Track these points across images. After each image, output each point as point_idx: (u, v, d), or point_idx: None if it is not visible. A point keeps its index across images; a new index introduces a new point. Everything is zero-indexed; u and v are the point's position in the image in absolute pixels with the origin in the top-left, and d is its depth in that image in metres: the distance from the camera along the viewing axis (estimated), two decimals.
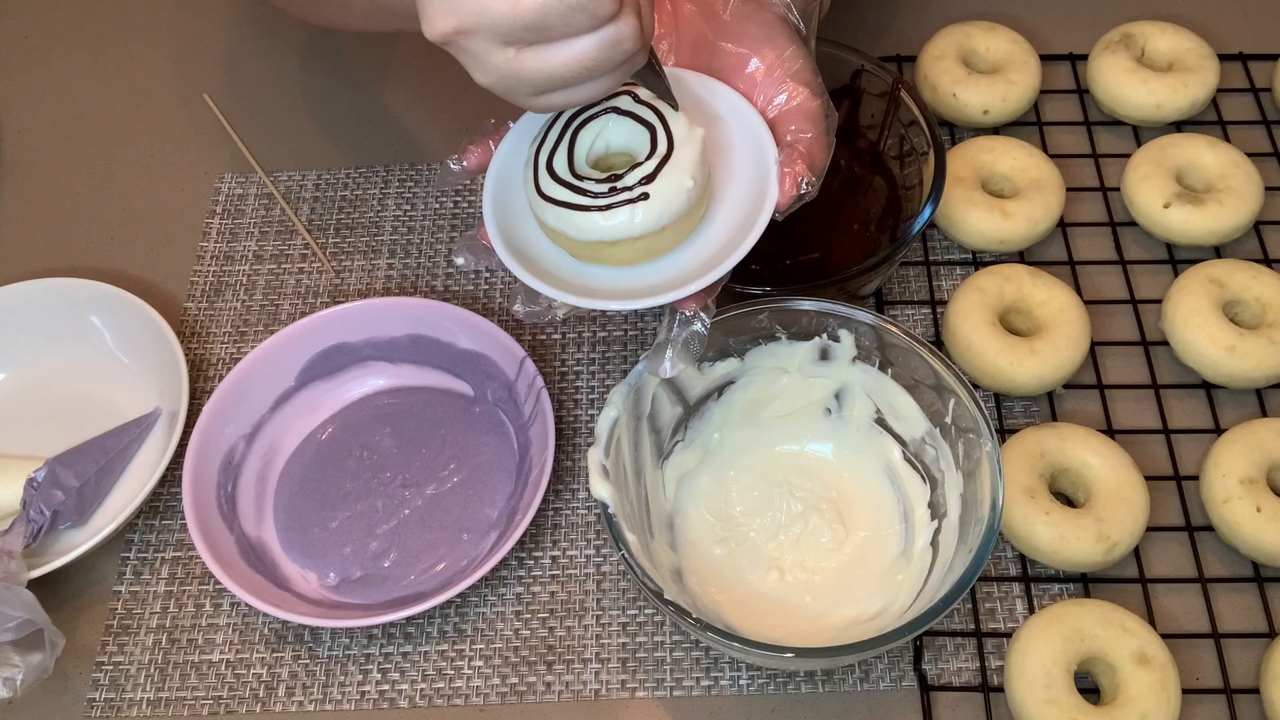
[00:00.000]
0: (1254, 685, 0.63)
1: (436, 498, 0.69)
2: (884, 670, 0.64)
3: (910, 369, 0.65)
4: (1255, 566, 0.67)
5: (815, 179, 0.57)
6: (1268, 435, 0.67)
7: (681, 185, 0.55)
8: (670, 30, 0.61)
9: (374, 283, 0.80)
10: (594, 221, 0.54)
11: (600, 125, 0.57)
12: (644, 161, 0.55)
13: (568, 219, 0.55)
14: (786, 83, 0.59)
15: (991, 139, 0.81)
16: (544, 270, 0.57)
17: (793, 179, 0.57)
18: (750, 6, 0.60)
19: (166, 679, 0.65)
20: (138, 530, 0.70)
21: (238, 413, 0.70)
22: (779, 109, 0.59)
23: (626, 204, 0.54)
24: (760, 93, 0.59)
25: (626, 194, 0.54)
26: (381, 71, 0.91)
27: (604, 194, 0.55)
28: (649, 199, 0.54)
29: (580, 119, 0.57)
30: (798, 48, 0.60)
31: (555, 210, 0.55)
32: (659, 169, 0.55)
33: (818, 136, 0.58)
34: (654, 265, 0.57)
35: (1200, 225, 0.77)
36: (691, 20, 0.61)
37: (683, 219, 0.56)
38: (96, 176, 0.86)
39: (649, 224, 0.55)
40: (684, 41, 0.61)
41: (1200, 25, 0.88)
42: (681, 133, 0.56)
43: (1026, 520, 0.65)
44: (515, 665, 0.65)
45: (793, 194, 0.57)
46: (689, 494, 0.68)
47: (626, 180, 0.55)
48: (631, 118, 0.56)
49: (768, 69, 0.59)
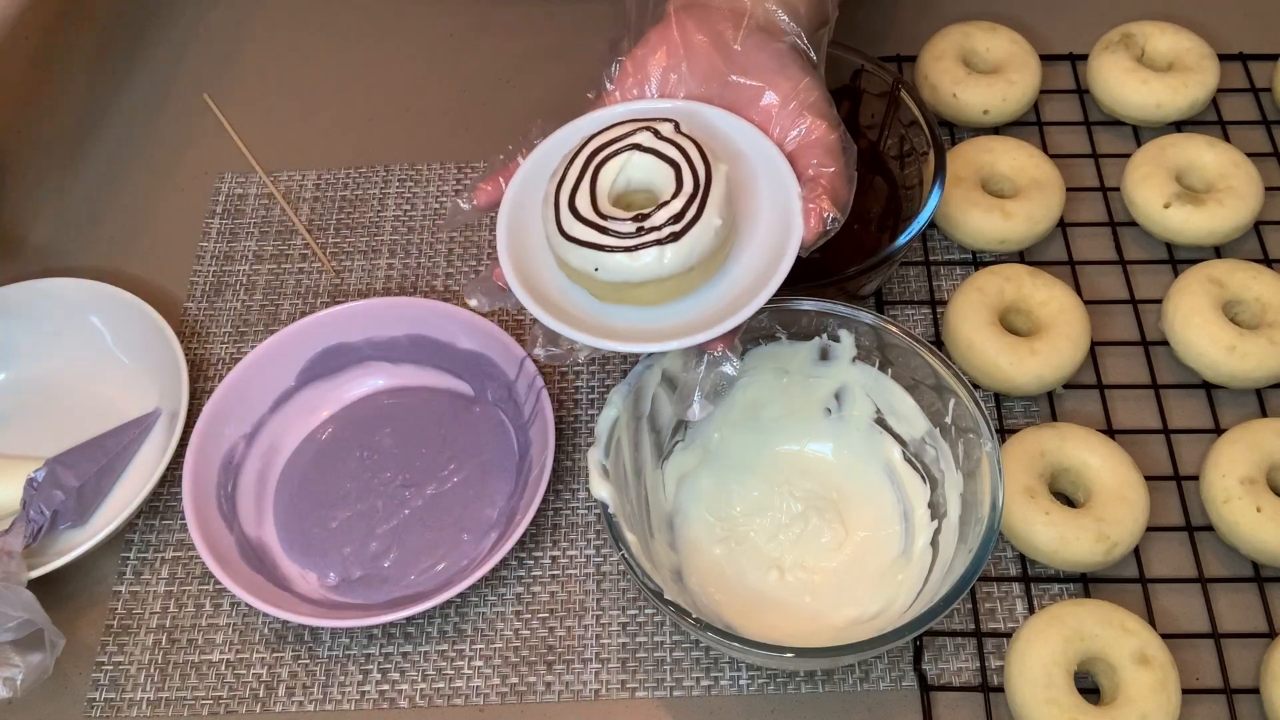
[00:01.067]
0: (1254, 685, 0.63)
1: (436, 498, 0.69)
2: (884, 670, 0.64)
3: (910, 369, 0.65)
4: (1255, 566, 0.67)
5: (841, 214, 0.57)
6: (1268, 435, 0.67)
7: (710, 224, 0.54)
8: (679, 61, 0.60)
9: (374, 283, 0.80)
10: (621, 262, 0.53)
11: (622, 162, 0.56)
12: (671, 200, 0.54)
13: (594, 259, 0.54)
14: (803, 115, 0.58)
15: (991, 139, 0.81)
16: (564, 311, 0.56)
17: (818, 215, 0.56)
18: (761, 36, 0.59)
19: (166, 679, 0.65)
20: (138, 530, 0.70)
21: (238, 413, 0.70)
22: (796, 142, 0.58)
23: (655, 244, 0.53)
24: (777, 125, 0.59)
25: (655, 234, 0.53)
26: (381, 71, 0.91)
27: (631, 234, 0.53)
28: (678, 239, 0.53)
29: (601, 155, 0.56)
30: (812, 79, 0.59)
31: (580, 250, 0.54)
32: (687, 208, 0.54)
33: (840, 170, 0.57)
34: (679, 305, 0.56)
35: (1200, 225, 0.77)
36: (702, 51, 0.60)
37: (709, 258, 0.55)
38: (96, 176, 0.86)
39: (678, 265, 0.54)
40: (695, 73, 0.60)
41: (1200, 25, 0.88)
42: (706, 169, 0.55)
43: (1026, 520, 0.65)
44: (515, 665, 0.65)
45: (818, 230, 0.56)
46: (689, 494, 0.68)
47: (654, 220, 0.54)
48: (654, 154, 0.55)
49: (783, 101, 0.58)
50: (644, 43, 0.60)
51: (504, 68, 0.91)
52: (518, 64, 0.91)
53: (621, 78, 0.61)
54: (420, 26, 0.94)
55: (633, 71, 0.60)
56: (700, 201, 0.54)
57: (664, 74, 0.60)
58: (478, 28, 0.93)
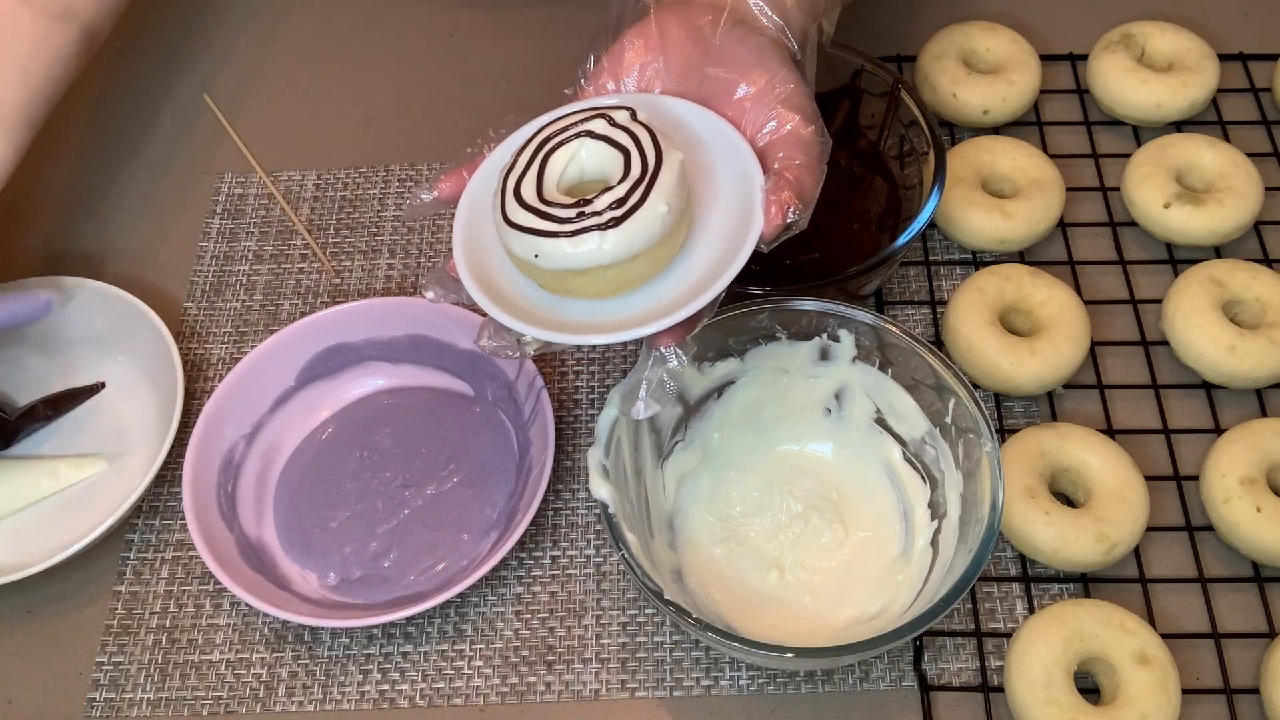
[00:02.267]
0: (1254, 685, 0.63)
1: (436, 498, 0.69)
2: (884, 670, 0.64)
3: (910, 369, 0.65)
4: (1255, 566, 0.67)
5: (804, 208, 0.54)
6: (1268, 435, 0.67)
7: (654, 210, 0.52)
8: (656, 56, 0.58)
9: (374, 283, 0.80)
10: (561, 249, 0.51)
11: (573, 150, 0.54)
12: (615, 186, 0.52)
13: (534, 246, 0.52)
14: (776, 108, 0.56)
15: (991, 139, 0.81)
16: (514, 304, 0.54)
17: (779, 207, 0.53)
18: (741, 30, 0.57)
19: (166, 679, 0.65)
20: (138, 530, 0.70)
21: (238, 413, 0.70)
22: (769, 136, 0.56)
23: (595, 229, 0.51)
24: (749, 119, 0.57)
25: (595, 219, 0.51)
26: (381, 71, 0.91)
27: (572, 219, 0.52)
28: (618, 224, 0.51)
29: (551, 144, 0.54)
30: (789, 71, 0.57)
31: (521, 238, 0.52)
32: (630, 193, 0.52)
33: (808, 163, 0.55)
34: (629, 298, 0.54)
35: (1200, 225, 0.77)
36: (679, 45, 0.58)
37: (657, 247, 0.53)
38: (96, 176, 0.86)
39: (619, 251, 0.51)
40: (671, 67, 0.58)
41: (1200, 25, 0.88)
42: (657, 155, 0.53)
43: (1026, 520, 0.65)
44: (515, 665, 0.65)
45: (778, 223, 0.53)
46: (689, 494, 0.68)
47: (596, 205, 0.52)
48: (605, 141, 0.54)
49: (757, 94, 0.56)
50: (621, 39, 0.59)
51: (504, 68, 0.91)
52: (518, 64, 0.91)
53: (597, 73, 0.59)
54: (420, 26, 0.94)
55: (609, 67, 0.59)
56: (645, 187, 0.52)
57: (641, 69, 0.58)
58: (478, 28, 0.93)
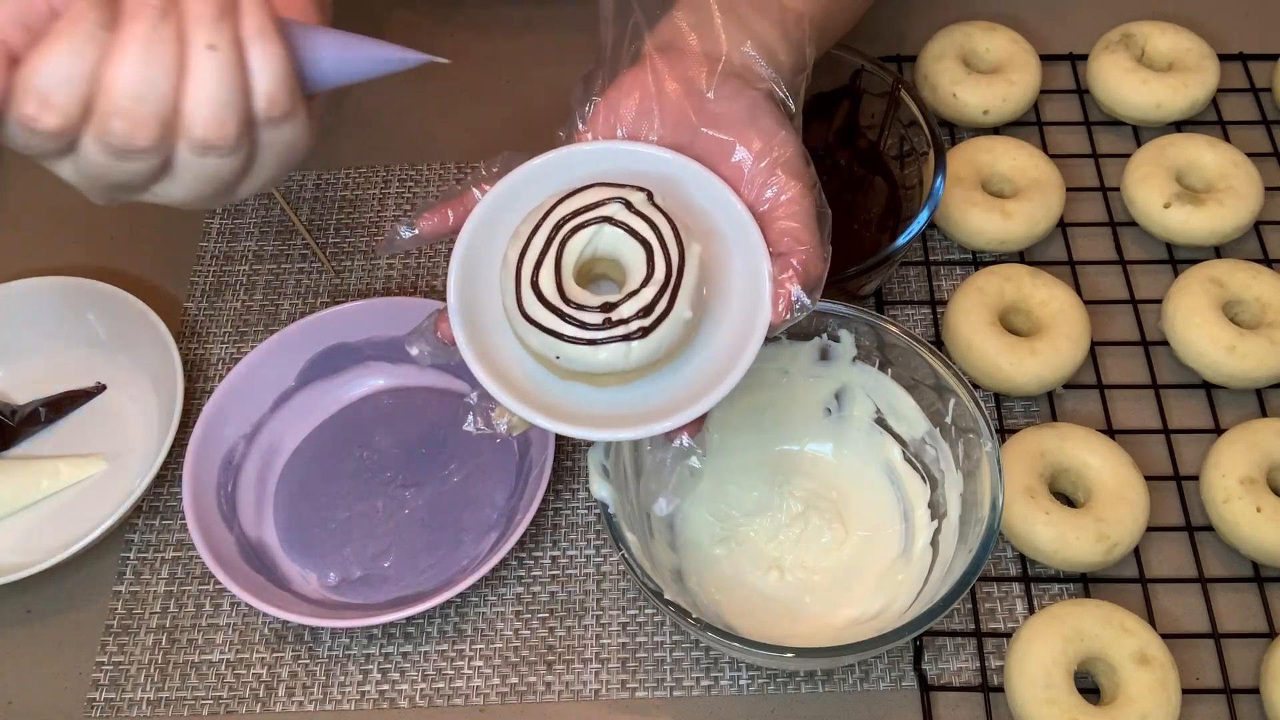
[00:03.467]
0: (1254, 685, 0.63)
1: (436, 498, 0.69)
2: (884, 670, 0.64)
3: (910, 369, 0.65)
4: (1255, 566, 0.67)
5: (810, 297, 0.53)
6: (1268, 435, 0.67)
7: (679, 318, 0.50)
8: (651, 107, 0.56)
9: (374, 283, 0.80)
10: (584, 354, 0.50)
11: (590, 234, 0.52)
12: (641, 289, 0.50)
13: (555, 348, 0.50)
14: (776, 174, 0.55)
15: (991, 139, 0.81)
16: (516, 385, 0.52)
17: (786, 299, 0.53)
18: (735, 83, 0.56)
19: (166, 679, 0.65)
20: (138, 530, 0.70)
21: (238, 413, 0.70)
22: (769, 203, 0.55)
23: (623, 340, 0.49)
24: (748, 185, 0.55)
25: (623, 328, 0.49)
26: None
27: (598, 325, 0.49)
28: (646, 335, 0.50)
29: (569, 226, 0.52)
30: (787, 133, 0.56)
31: (542, 337, 0.50)
32: (657, 300, 0.50)
33: (814, 248, 0.54)
34: (640, 386, 0.53)
35: (1200, 225, 0.77)
36: (674, 99, 0.56)
37: (676, 347, 0.52)
38: None
39: (644, 358, 0.50)
40: (666, 122, 0.56)
41: (1200, 25, 0.88)
42: (680, 253, 0.51)
43: (1026, 520, 0.65)
44: (515, 665, 0.65)
45: (786, 316, 0.53)
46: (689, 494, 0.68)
47: (622, 312, 0.50)
48: (625, 229, 0.51)
49: (755, 158, 0.55)
50: (617, 85, 0.57)
51: (504, 68, 0.91)
52: (518, 64, 0.91)
53: (594, 119, 0.57)
54: (420, 26, 0.94)
55: (604, 113, 0.57)
56: (672, 293, 0.50)
57: (635, 119, 0.57)
58: (478, 28, 0.93)
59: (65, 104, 0.47)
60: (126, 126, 0.47)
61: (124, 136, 0.47)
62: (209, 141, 0.48)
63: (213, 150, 0.48)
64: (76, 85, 0.46)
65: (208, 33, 0.46)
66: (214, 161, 0.49)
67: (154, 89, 0.47)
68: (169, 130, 0.48)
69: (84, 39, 0.46)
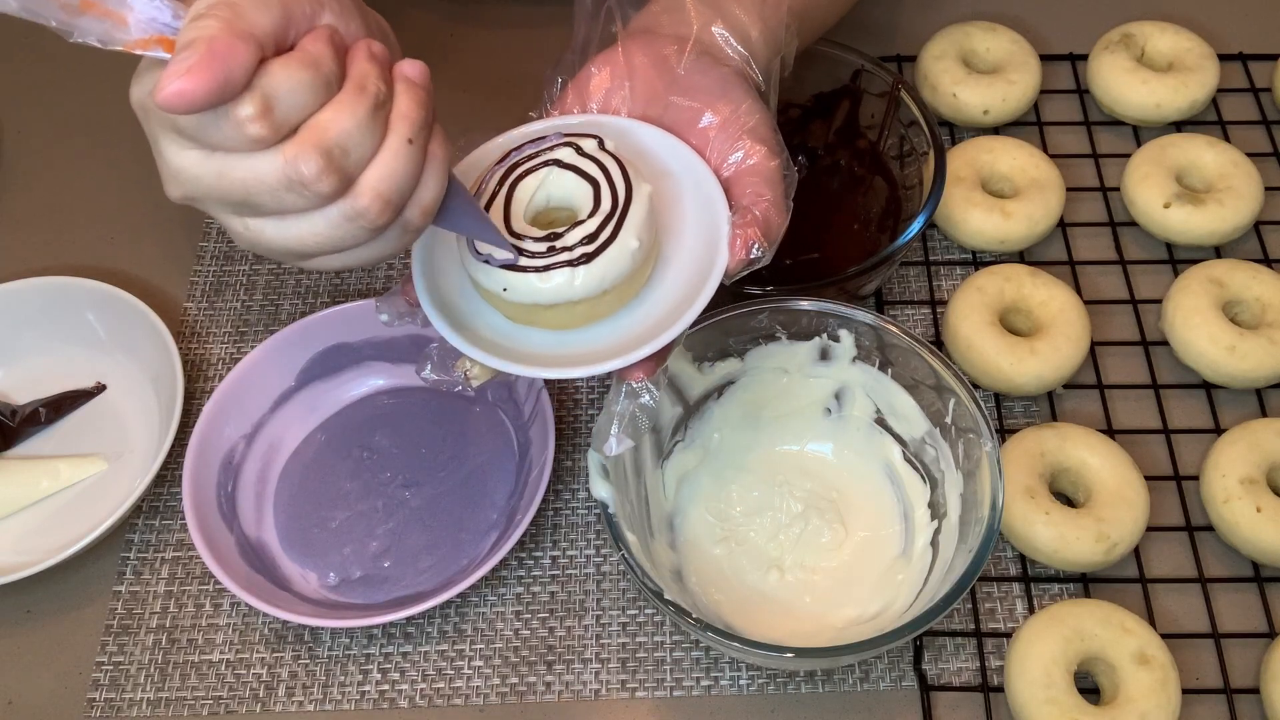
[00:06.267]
0: (1254, 685, 0.63)
1: (436, 498, 0.69)
2: (884, 670, 0.64)
3: (910, 369, 0.65)
4: (1255, 566, 0.67)
5: (769, 245, 0.54)
6: (1268, 435, 0.67)
7: (626, 246, 0.51)
8: (622, 83, 0.58)
9: (374, 283, 0.80)
10: (530, 283, 0.51)
11: (540, 178, 0.53)
12: (586, 219, 0.51)
13: (501, 279, 0.51)
14: (742, 139, 0.56)
15: (991, 139, 0.81)
16: (475, 333, 0.53)
17: (744, 243, 0.53)
18: (706, 60, 0.58)
19: (166, 679, 0.65)
20: (138, 530, 0.70)
21: (238, 413, 0.70)
22: (734, 167, 0.56)
23: (566, 265, 0.50)
24: (714, 149, 0.56)
25: (566, 254, 0.51)
26: None
27: (542, 254, 0.51)
28: (590, 261, 0.50)
29: (519, 170, 0.54)
30: (754, 102, 0.57)
31: (488, 270, 0.51)
32: (601, 228, 0.51)
33: (775, 200, 0.55)
34: (595, 329, 0.54)
35: (1200, 225, 0.77)
36: (644, 73, 0.58)
37: (626, 282, 0.52)
38: (96, 176, 0.86)
39: (590, 287, 0.51)
40: (636, 95, 0.58)
41: (1200, 25, 0.88)
42: (627, 188, 0.52)
43: (1026, 520, 0.65)
44: (515, 665, 0.65)
45: (742, 257, 0.53)
46: (689, 494, 0.68)
47: (566, 240, 0.51)
48: (574, 171, 0.53)
49: (722, 124, 0.56)
50: (588, 64, 0.59)
51: (504, 67, 0.91)
52: (518, 64, 0.91)
53: (562, 99, 0.59)
54: (420, 26, 0.94)
55: (574, 92, 0.59)
56: (617, 222, 0.51)
57: (606, 96, 0.58)
58: (477, 27, 0.93)
59: (350, 169, 0.44)
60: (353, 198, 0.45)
61: (363, 215, 0.45)
62: (366, 212, 0.45)
63: (359, 220, 0.45)
64: (356, 154, 0.44)
65: (413, 130, 0.46)
66: (348, 228, 0.46)
67: (359, 147, 0.45)
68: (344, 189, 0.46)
69: (369, 112, 0.44)
